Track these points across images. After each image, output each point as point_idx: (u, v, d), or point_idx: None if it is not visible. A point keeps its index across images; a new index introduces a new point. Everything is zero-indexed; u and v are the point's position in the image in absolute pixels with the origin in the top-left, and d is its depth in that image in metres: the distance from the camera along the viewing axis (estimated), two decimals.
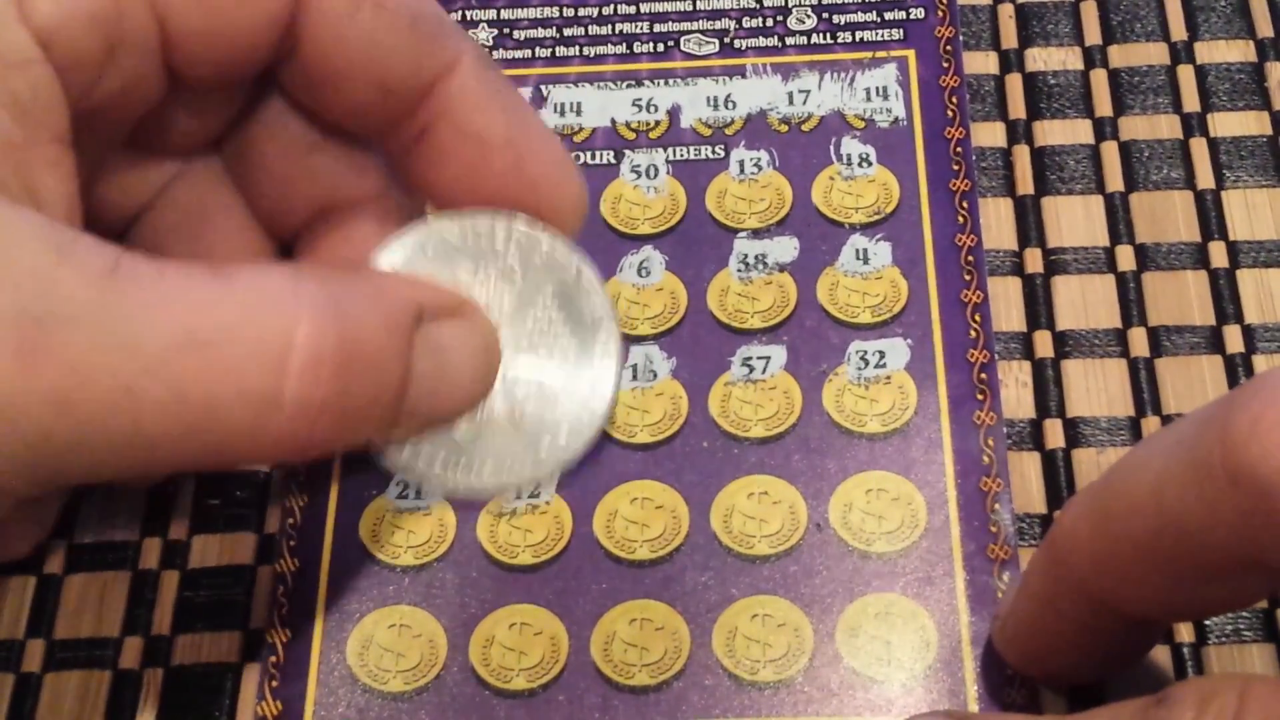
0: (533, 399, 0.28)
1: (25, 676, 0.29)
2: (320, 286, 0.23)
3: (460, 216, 0.27)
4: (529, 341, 0.28)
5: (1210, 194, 0.33)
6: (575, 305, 0.28)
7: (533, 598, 0.29)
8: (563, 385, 0.28)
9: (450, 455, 0.28)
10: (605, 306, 0.28)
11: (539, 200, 0.27)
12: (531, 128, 0.27)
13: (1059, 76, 0.35)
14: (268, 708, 0.28)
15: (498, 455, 0.28)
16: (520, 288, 0.28)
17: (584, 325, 0.28)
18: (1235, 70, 0.35)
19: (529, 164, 0.27)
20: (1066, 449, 0.31)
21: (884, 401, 0.31)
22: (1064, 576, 0.24)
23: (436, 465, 0.28)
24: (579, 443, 0.28)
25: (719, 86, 0.35)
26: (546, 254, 0.28)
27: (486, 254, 0.28)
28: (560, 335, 0.28)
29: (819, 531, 0.29)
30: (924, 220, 0.33)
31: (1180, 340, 0.32)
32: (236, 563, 0.30)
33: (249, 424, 0.22)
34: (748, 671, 0.28)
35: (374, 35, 0.26)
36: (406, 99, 0.26)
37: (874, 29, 0.35)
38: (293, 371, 0.22)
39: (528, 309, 0.28)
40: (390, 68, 0.26)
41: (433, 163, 0.27)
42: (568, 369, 0.28)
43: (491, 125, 0.27)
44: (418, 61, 0.26)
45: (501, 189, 0.27)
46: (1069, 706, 0.28)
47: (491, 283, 0.28)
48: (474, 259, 0.28)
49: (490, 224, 0.27)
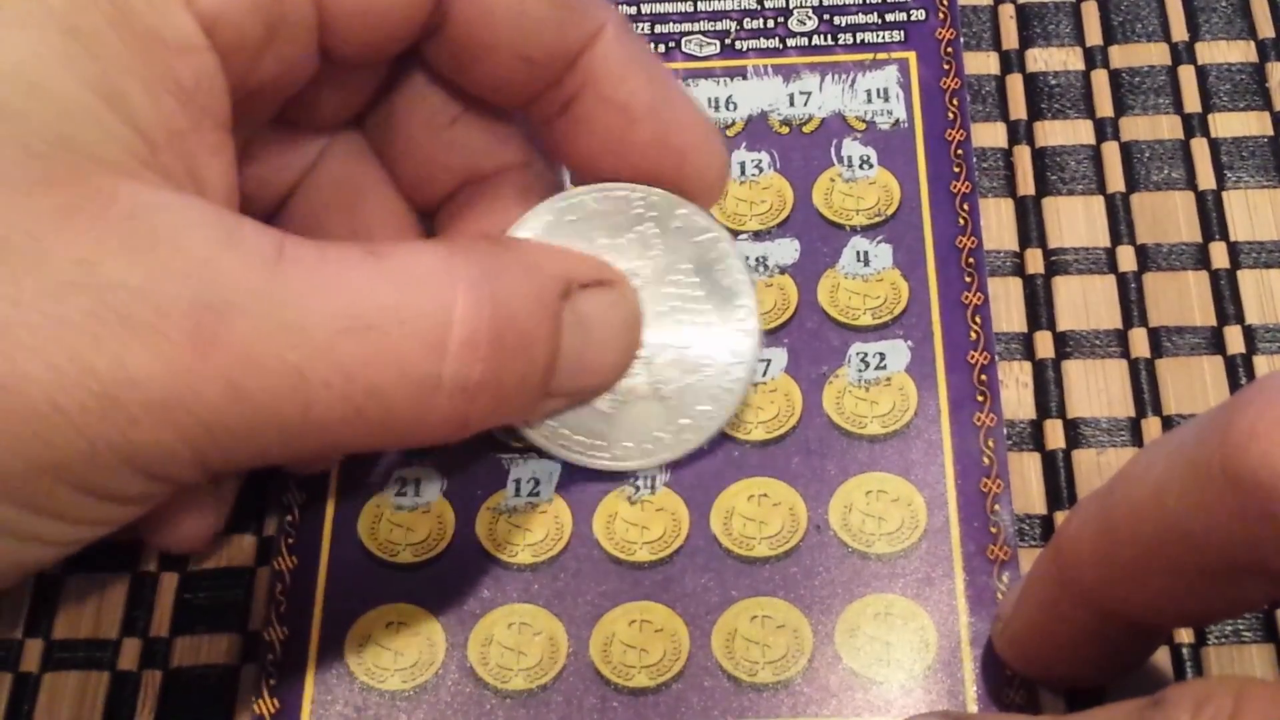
0: (674, 369, 0.28)
1: (23, 676, 0.29)
2: (473, 263, 0.23)
3: (598, 188, 0.27)
4: (669, 311, 0.28)
5: (1211, 194, 0.33)
6: (713, 274, 0.28)
7: (532, 598, 0.29)
8: (703, 354, 0.28)
9: (592, 433, 0.28)
10: (743, 275, 0.28)
11: (683, 170, 0.27)
12: (675, 97, 0.27)
13: (1060, 77, 0.35)
14: (265, 705, 0.28)
15: (640, 428, 0.28)
16: (659, 256, 0.28)
17: (722, 294, 0.28)
18: (1236, 70, 0.35)
19: (673, 133, 0.27)
20: (1067, 450, 0.31)
21: (884, 403, 0.31)
22: (1067, 582, 0.24)
23: (580, 445, 0.28)
24: (721, 413, 0.28)
25: (720, 88, 0.35)
26: (684, 223, 0.27)
27: (624, 222, 0.28)
28: (699, 304, 0.28)
29: (819, 533, 0.29)
30: (925, 222, 0.33)
31: (1181, 341, 0.32)
32: (236, 565, 0.30)
33: (411, 405, 0.22)
34: (747, 673, 0.28)
35: (520, 7, 0.25)
36: (551, 69, 0.26)
37: (875, 30, 0.35)
38: (451, 352, 0.22)
39: (666, 278, 0.28)
40: (535, 39, 0.26)
41: (576, 133, 0.27)
42: (707, 338, 0.28)
43: (636, 94, 0.26)
44: (562, 32, 0.26)
45: (646, 159, 0.27)
46: (1068, 707, 0.28)
47: (630, 251, 0.28)
48: (612, 228, 0.27)
49: (628, 195, 0.27)
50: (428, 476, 0.30)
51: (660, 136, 0.27)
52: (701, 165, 0.27)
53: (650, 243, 0.28)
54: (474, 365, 0.23)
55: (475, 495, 0.30)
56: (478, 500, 0.30)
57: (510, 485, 0.30)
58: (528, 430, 0.29)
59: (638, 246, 0.28)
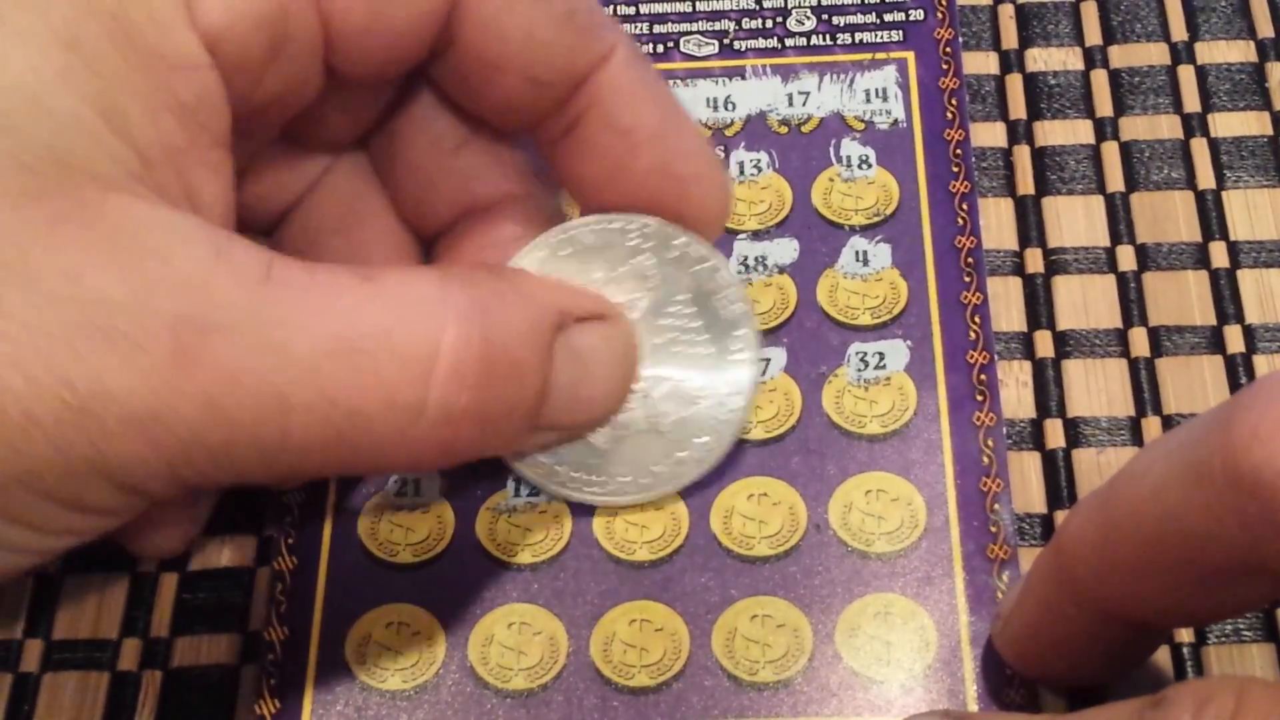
0: (671, 402, 0.28)
1: (23, 677, 0.29)
2: (466, 291, 0.23)
3: (597, 219, 0.27)
4: (666, 342, 0.28)
5: (1211, 194, 0.33)
6: (711, 305, 0.28)
7: (532, 597, 0.29)
8: (700, 386, 0.28)
9: (587, 464, 0.28)
10: (742, 306, 0.28)
11: (684, 198, 0.27)
12: (681, 124, 0.27)
13: (1059, 77, 0.35)
14: (266, 706, 0.28)
15: (636, 461, 0.28)
16: (656, 288, 0.27)
17: (720, 325, 0.28)
18: (1236, 70, 0.35)
19: (676, 161, 0.27)
20: (1067, 449, 0.31)
21: (884, 403, 0.31)
22: (1067, 581, 0.24)
23: (572, 476, 0.28)
24: (719, 445, 0.28)
25: (718, 88, 0.35)
26: (682, 253, 0.27)
27: (621, 255, 0.27)
28: (697, 335, 0.28)
29: (818, 532, 0.29)
30: (924, 222, 0.33)
31: (1181, 340, 0.32)
32: (236, 565, 0.30)
33: (394, 432, 0.22)
34: (747, 672, 0.28)
35: (531, 28, 0.25)
36: (558, 92, 0.26)
37: (873, 30, 0.35)
38: (437, 379, 0.22)
39: (664, 309, 0.28)
40: (545, 60, 0.25)
41: (579, 157, 0.27)
42: (705, 370, 0.28)
43: (641, 119, 0.26)
44: (572, 54, 0.26)
45: (647, 185, 0.27)
46: (1068, 707, 0.28)
47: (627, 283, 0.28)
48: (609, 259, 0.27)
49: (624, 223, 0.27)
50: (428, 477, 0.30)
51: (663, 163, 0.27)
52: (703, 194, 0.27)
53: (647, 274, 0.28)
54: (460, 394, 0.22)
55: (475, 495, 0.30)
56: (478, 500, 0.30)
57: (510, 485, 0.30)
58: (518, 464, 0.29)
59: (635, 278, 0.28)
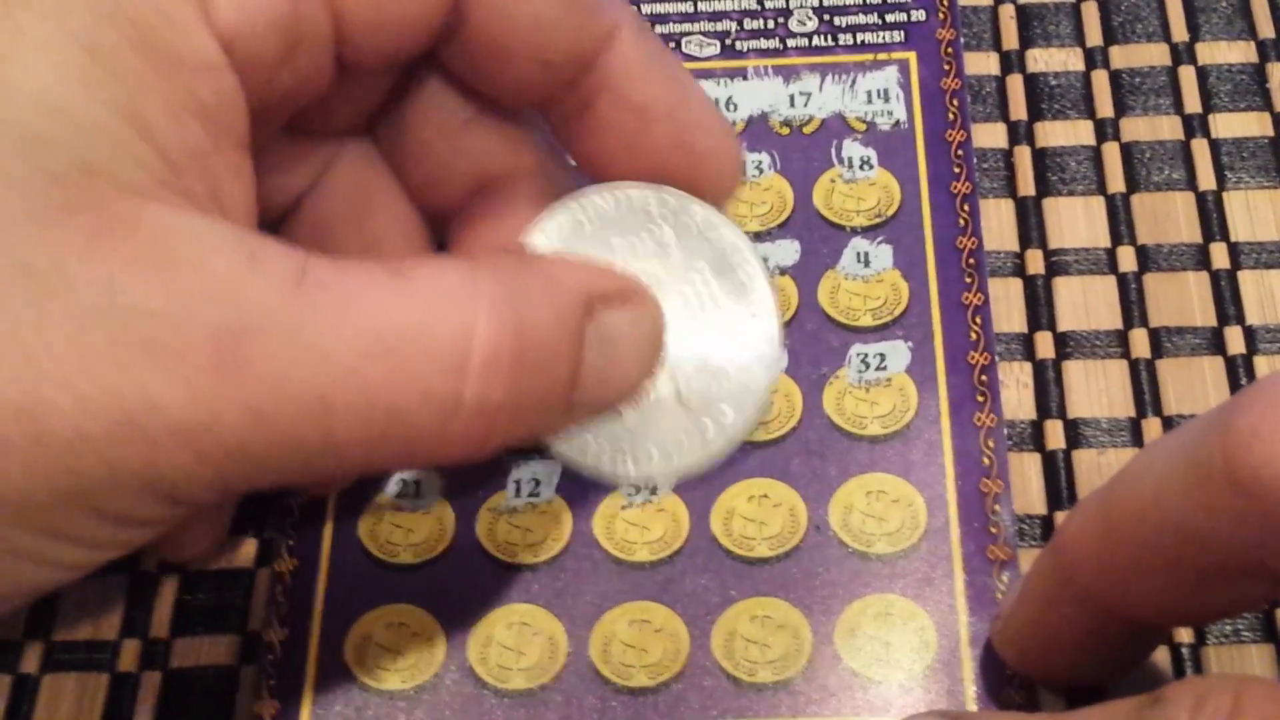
0: (698, 376, 0.27)
1: (23, 678, 0.29)
2: (496, 282, 0.23)
3: (612, 188, 0.27)
4: (688, 314, 0.28)
5: (1211, 195, 0.33)
6: (732, 275, 0.28)
7: (532, 598, 0.29)
8: (726, 359, 0.28)
9: (617, 443, 0.28)
10: (761, 274, 0.28)
11: (700, 171, 0.27)
12: (692, 98, 0.27)
13: (1060, 77, 0.35)
14: (265, 706, 0.28)
15: (666, 438, 0.28)
16: (676, 259, 0.27)
17: (742, 295, 0.28)
18: (1236, 71, 0.35)
19: (691, 135, 0.27)
20: (1067, 450, 0.31)
21: (884, 404, 0.31)
22: (1067, 581, 0.24)
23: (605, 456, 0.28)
24: (747, 418, 0.28)
25: (720, 88, 0.35)
26: (700, 223, 0.27)
27: (640, 225, 0.27)
28: (719, 306, 0.28)
29: (819, 533, 0.29)
30: (925, 223, 0.33)
31: (1181, 341, 0.32)
32: (236, 566, 0.30)
33: (432, 426, 0.22)
34: (746, 673, 0.28)
35: (537, 10, 0.25)
36: (568, 72, 0.26)
37: (875, 31, 0.35)
38: (472, 373, 0.22)
39: (684, 280, 0.28)
40: (552, 42, 0.25)
41: (593, 136, 0.27)
42: (729, 341, 0.28)
43: (653, 96, 0.26)
44: (579, 34, 0.26)
45: (663, 160, 0.27)
46: (1068, 707, 0.28)
47: (647, 255, 0.28)
48: (627, 231, 0.27)
49: (642, 195, 0.27)
50: (428, 477, 0.30)
51: (678, 138, 0.27)
52: (718, 166, 0.27)
53: (666, 243, 0.27)
54: (495, 386, 0.22)
55: (475, 496, 0.30)
56: (478, 501, 0.30)
57: (510, 486, 0.30)
58: (551, 442, 0.28)
59: (653, 247, 0.28)
